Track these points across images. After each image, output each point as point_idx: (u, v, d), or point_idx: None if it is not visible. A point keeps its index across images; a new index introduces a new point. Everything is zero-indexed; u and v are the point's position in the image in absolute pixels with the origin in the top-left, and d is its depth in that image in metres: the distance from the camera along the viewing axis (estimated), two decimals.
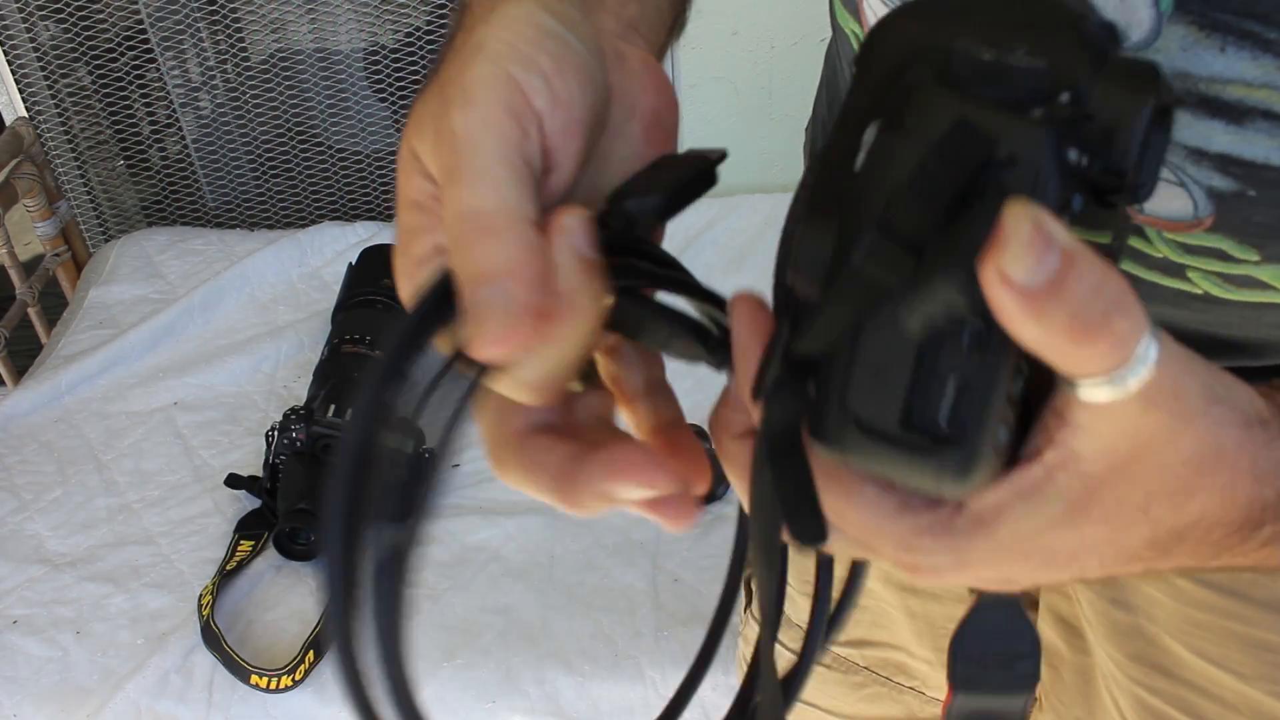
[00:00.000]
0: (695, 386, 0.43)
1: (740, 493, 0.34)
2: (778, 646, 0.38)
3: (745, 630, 0.92)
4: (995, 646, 0.42)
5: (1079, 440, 0.30)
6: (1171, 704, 0.61)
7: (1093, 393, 0.28)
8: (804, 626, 0.43)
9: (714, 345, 0.34)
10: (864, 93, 0.31)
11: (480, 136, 0.29)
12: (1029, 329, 0.26)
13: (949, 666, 0.42)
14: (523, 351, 0.29)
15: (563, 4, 0.33)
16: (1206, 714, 0.60)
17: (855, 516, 0.32)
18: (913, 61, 0.30)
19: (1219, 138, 0.39)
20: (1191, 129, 0.39)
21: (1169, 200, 0.41)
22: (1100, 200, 0.30)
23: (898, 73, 0.30)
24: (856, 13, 0.50)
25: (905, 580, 0.77)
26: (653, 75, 0.35)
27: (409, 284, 0.31)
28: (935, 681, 0.84)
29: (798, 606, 0.85)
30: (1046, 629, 0.71)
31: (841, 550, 0.35)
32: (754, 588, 0.92)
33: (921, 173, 0.27)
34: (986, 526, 0.32)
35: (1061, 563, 0.34)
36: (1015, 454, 0.32)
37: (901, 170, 0.28)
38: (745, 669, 0.81)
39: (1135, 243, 0.44)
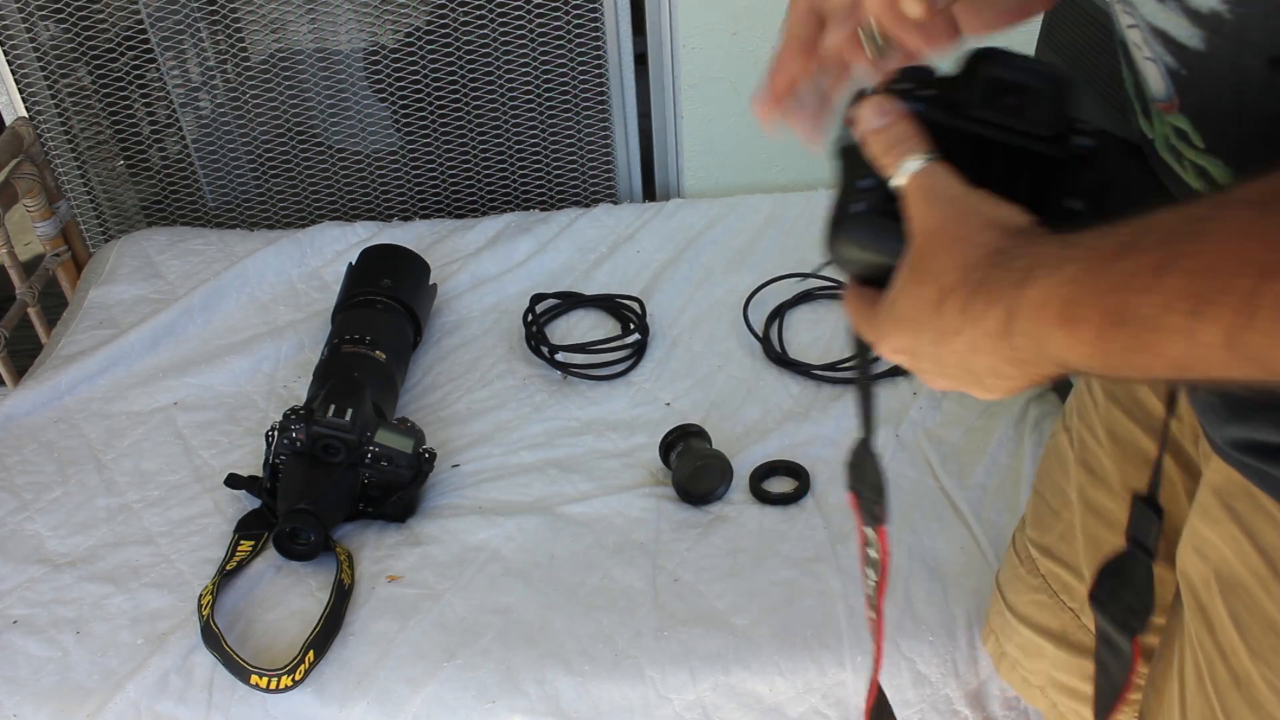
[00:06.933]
0: (695, 385, 0.43)
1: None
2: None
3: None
4: (1127, 596, 0.62)
5: (910, 224, 0.49)
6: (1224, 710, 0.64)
7: (896, 182, 0.50)
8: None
9: None
10: None
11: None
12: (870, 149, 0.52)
13: (1092, 584, 0.66)
14: None
15: None
16: None
17: (848, 308, 0.54)
18: None
19: (1157, 14, 0.48)
20: (1148, 6, 0.48)
21: (1156, 79, 0.51)
22: None
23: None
24: None
25: (1088, 497, 0.88)
26: None
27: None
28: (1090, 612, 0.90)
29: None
30: (1180, 585, 0.74)
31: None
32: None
33: None
34: (889, 302, 0.50)
35: (930, 330, 0.48)
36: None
37: None
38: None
39: (1175, 145, 0.55)
